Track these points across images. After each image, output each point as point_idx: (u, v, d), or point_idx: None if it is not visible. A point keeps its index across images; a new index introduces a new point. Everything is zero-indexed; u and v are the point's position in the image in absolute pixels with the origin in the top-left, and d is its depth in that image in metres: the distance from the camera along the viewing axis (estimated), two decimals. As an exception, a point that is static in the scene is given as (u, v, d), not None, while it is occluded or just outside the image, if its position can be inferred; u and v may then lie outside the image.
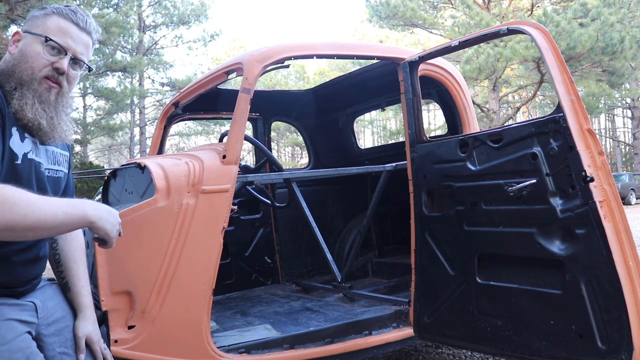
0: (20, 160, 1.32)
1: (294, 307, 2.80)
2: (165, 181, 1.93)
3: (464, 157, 2.04)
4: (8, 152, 1.29)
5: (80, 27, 1.42)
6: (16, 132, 1.32)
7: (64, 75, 1.39)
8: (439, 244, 2.15)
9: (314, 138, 4.05)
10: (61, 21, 1.39)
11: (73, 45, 1.40)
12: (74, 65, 1.42)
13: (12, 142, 1.30)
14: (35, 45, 1.37)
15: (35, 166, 1.38)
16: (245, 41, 44.73)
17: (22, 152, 1.33)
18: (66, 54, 1.38)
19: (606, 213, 1.64)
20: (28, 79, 1.34)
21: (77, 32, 1.41)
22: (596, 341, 1.64)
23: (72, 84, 1.44)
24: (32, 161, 1.36)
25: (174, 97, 2.99)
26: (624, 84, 20.15)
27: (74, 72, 1.44)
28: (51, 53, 1.37)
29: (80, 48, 1.42)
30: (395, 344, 2.36)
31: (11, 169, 1.29)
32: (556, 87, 1.75)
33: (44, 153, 1.45)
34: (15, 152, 1.31)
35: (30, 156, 1.36)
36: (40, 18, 1.40)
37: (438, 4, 18.72)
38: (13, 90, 1.32)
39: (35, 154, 1.39)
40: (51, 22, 1.39)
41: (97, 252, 1.76)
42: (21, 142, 1.33)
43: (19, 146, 1.32)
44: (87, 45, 1.45)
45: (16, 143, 1.32)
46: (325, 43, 2.37)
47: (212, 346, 1.95)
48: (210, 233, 1.96)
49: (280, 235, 3.64)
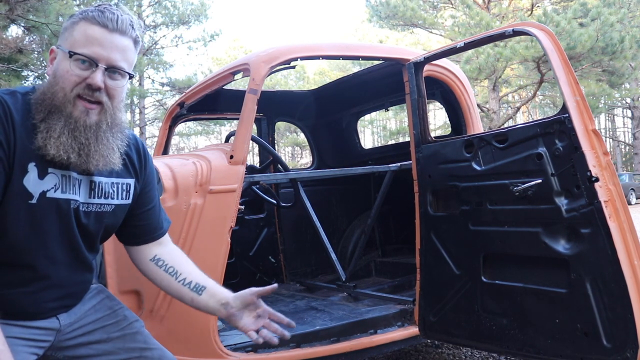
0: (36, 200, 1.18)
1: (299, 306, 2.81)
2: (173, 181, 1.94)
3: (470, 157, 2.06)
4: (19, 192, 1.16)
5: (110, 28, 1.20)
6: (34, 169, 1.17)
7: (101, 90, 1.19)
8: (444, 243, 2.16)
9: (317, 138, 4.06)
10: (88, 27, 1.19)
11: (104, 53, 1.18)
12: (112, 74, 1.21)
13: (27, 180, 1.16)
14: (64, 62, 1.19)
15: (59, 204, 1.22)
16: (246, 41, 44.81)
17: (39, 190, 1.18)
18: (97, 65, 1.18)
19: (611, 213, 1.66)
20: (60, 102, 1.17)
21: (108, 36, 1.19)
22: (601, 339, 1.66)
23: (117, 97, 1.23)
24: (52, 200, 1.21)
25: (179, 98, 3.00)
26: (624, 84, 20.17)
27: (114, 82, 1.21)
28: (81, 67, 1.18)
29: (114, 55, 1.20)
30: (401, 343, 2.38)
31: (23, 209, 1.17)
32: (561, 87, 1.77)
33: (84, 186, 1.28)
34: (29, 191, 1.17)
35: (52, 195, 1.20)
36: (69, 29, 1.21)
37: (438, 4, 18.73)
38: (40, 121, 1.17)
39: (62, 191, 1.22)
40: (78, 30, 1.19)
41: (106, 252, 1.78)
42: (39, 180, 1.18)
43: (35, 184, 1.18)
44: (124, 49, 1.22)
45: (32, 181, 1.17)
46: (331, 44, 2.38)
47: (219, 345, 1.96)
48: (218, 233, 1.97)
49: (284, 235, 3.66)
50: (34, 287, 1.24)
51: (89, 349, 1.35)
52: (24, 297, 1.23)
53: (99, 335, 1.37)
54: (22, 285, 1.23)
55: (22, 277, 1.23)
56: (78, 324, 1.35)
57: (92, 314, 1.39)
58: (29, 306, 1.24)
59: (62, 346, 1.33)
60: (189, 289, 1.44)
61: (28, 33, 11.43)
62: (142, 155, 1.45)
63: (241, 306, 1.41)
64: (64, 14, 10.56)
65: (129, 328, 1.43)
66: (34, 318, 1.26)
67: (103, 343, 1.37)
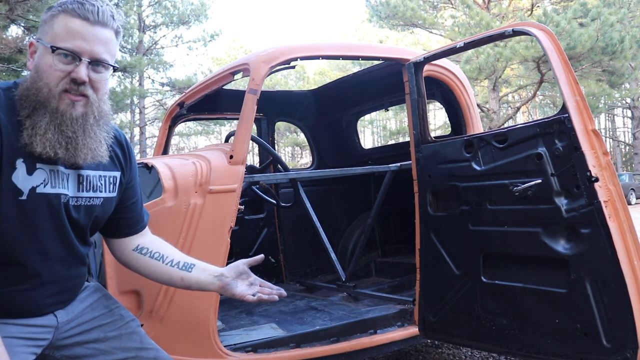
0: (26, 196, 1.17)
1: (299, 306, 2.81)
2: (173, 181, 1.94)
3: (469, 157, 2.06)
4: (9, 189, 1.15)
5: (92, 20, 1.18)
6: (22, 165, 1.17)
7: (85, 84, 1.18)
8: (444, 243, 2.16)
9: (317, 138, 4.06)
10: (68, 20, 1.17)
11: (87, 46, 1.17)
12: (95, 67, 1.20)
13: (16, 177, 1.16)
14: (46, 56, 1.17)
15: (49, 200, 1.22)
16: (246, 41, 44.81)
17: (28, 186, 1.18)
18: (81, 59, 1.17)
19: (611, 213, 1.66)
20: (44, 98, 1.16)
21: (90, 29, 1.18)
22: (601, 339, 1.66)
23: (101, 89, 1.23)
24: (43, 195, 1.20)
25: (179, 98, 3.00)
26: (624, 83, 20.17)
27: (98, 75, 1.21)
28: (64, 62, 1.16)
29: (97, 47, 1.18)
30: (401, 343, 2.38)
31: (14, 206, 1.16)
32: (561, 88, 1.77)
33: (72, 180, 1.27)
34: (19, 188, 1.16)
35: (41, 190, 1.20)
36: (48, 22, 1.19)
37: (438, 4, 18.73)
38: (25, 118, 1.16)
39: (52, 185, 1.22)
40: (58, 24, 1.17)
41: (105, 251, 1.77)
42: (28, 176, 1.18)
43: (24, 180, 1.17)
44: (107, 41, 1.21)
45: (21, 177, 1.17)
46: (331, 44, 2.38)
47: (219, 345, 1.96)
48: (218, 233, 1.97)
49: (284, 235, 3.66)
50: (29, 284, 1.24)
51: (85, 349, 1.35)
52: (19, 294, 1.23)
53: (96, 335, 1.37)
54: (17, 283, 1.22)
55: (17, 275, 1.22)
56: (75, 322, 1.35)
57: (89, 312, 1.39)
58: (25, 304, 1.24)
59: (59, 345, 1.33)
60: (177, 268, 1.46)
61: (28, 33, 11.44)
62: (126, 148, 1.46)
63: (235, 275, 1.46)
64: (64, 14, 10.54)
65: (125, 327, 1.43)
66: (31, 315, 1.26)
67: (99, 342, 1.37)
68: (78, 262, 1.36)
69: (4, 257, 1.20)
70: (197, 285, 1.46)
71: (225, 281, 1.45)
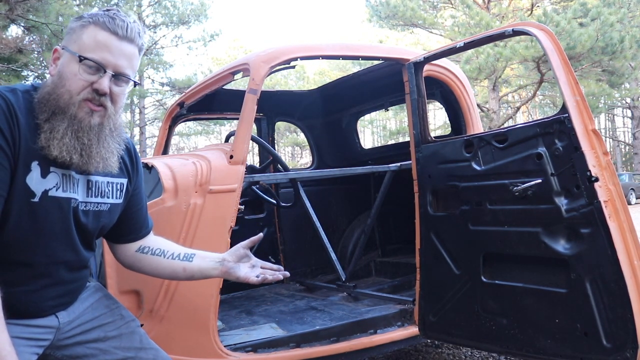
0: (38, 199, 1.19)
1: (299, 306, 2.81)
2: (173, 181, 1.95)
3: (469, 157, 2.06)
4: (22, 190, 1.17)
5: (120, 35, 1.22)
6: (37, 167, 1.19)
7: (106, 95, 1.22)
8: (444, 243, 2.16)
9: (317, 138, 4.06)
10: (98, 32, 1.21)
11: (113, 60, 1.21)
12: (117, 81, 1.24)
13: (30, 178, 1.18)
14: (71, 64, 1.20)
15: (60, 203, 1.24)
16: (246, 41, 44.81)
17: (41, 189, 1.20)
18: (105, 71, 1.21)
19: (611, 212, 1.66)
20: (65, 104, 1.19)
21: (117, 43, 1.22)
22: (601, 339, 1.66)
23: (119, 102, 1.27)
24: (54, 199, 1.22)
25: (179, 98, 3.00)
26: (624, 83, 20.16)
27: (119, 88, 1.25)
28: (89, 72, 1.20)
29: (122, 62, 1.23)
30: (400, 343, 2.38)
31: (25, 207, 1.18)
32: (561, 87, 1.77)
33: (82, 185, 1.30)
34: (32, 190, 1.18)
35: (53, 193, 1.22)
36: (77, 31, 1.23)
37: (438, 4, 18.73)
38: (44, 122, 1.19)
39: (64, 189, 1.25)
40: (87, 34, 1.21)
41: (105, 251, 1.77)
42: (42, 178, 1.20)
43: (38, 182, 1.19)
44: (131, 57, 1.26)
45: (35, 179, 1.19)
46: (331, 44, 2.38)
47: (219, 345, 1.96)
48: (218, 233, 1.97)
49: (284, 235, 3.66)
50: (34, 286, 1.25)
51: (85, 348, 1.36)
52: (24, 295, 1.24)
53: (96, 334, 1.38)
54: (23, 284, 1.24)
55: (22, 276, 1.24)
56: (76, 322, 1.36)
57: (90, 312, 1.41)
58: (28, 305, 1.25)
59: (60, 345, 1.34)
60: (179, 260, 1.49)
61: (28, 33, 11.43)
62: (134, 156, 1.49)
63: (236, 259, 1.50)
64: (63, 14, 10.57)
65: (126, 327, 1.44)
66: (35, 316, 1.27)
67: (100, 342, 1.38)
68: (81, 266, 1.38)
69: (11, 257, 1.21)
70: (200, 274, 1.49)
71: (228, 265, 1.48)
